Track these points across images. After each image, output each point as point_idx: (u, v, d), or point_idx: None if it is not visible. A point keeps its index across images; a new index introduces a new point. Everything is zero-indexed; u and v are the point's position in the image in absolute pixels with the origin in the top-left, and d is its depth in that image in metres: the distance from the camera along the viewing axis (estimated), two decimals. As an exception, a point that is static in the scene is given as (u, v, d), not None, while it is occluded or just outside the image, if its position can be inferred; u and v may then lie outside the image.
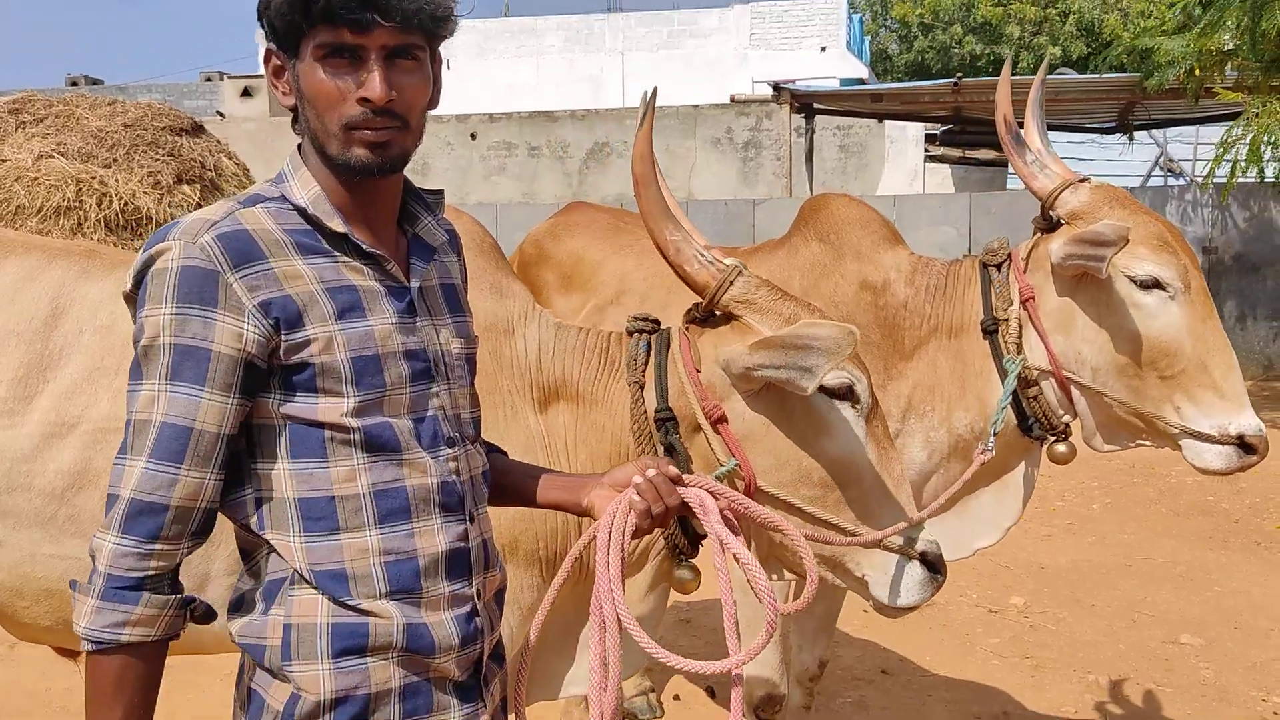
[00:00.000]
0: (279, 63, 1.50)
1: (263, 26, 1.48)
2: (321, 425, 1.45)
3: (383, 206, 1.55)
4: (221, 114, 19.79)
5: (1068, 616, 5.17)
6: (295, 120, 1.52)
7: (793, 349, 1.89)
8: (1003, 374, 2.88)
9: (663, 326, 2.17)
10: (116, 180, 9.88)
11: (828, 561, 2.14)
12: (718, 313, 2.09)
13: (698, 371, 2.02)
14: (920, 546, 2.07)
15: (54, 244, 2.33)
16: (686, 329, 2.11)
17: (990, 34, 27.33)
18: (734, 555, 1.64)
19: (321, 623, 1.45)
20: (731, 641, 1.64)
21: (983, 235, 11.72)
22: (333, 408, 1.44)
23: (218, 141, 11.04)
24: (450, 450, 1.55)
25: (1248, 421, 2.73)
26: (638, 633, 1.59)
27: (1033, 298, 2.86)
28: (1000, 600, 5.38)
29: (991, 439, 2.81)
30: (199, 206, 10.40)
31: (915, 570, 2.08)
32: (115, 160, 10.10)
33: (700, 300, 2.08)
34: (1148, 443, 2.91)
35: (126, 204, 9.68)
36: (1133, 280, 2.78)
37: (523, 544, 2.18)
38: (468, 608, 1.55)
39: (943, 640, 4.90)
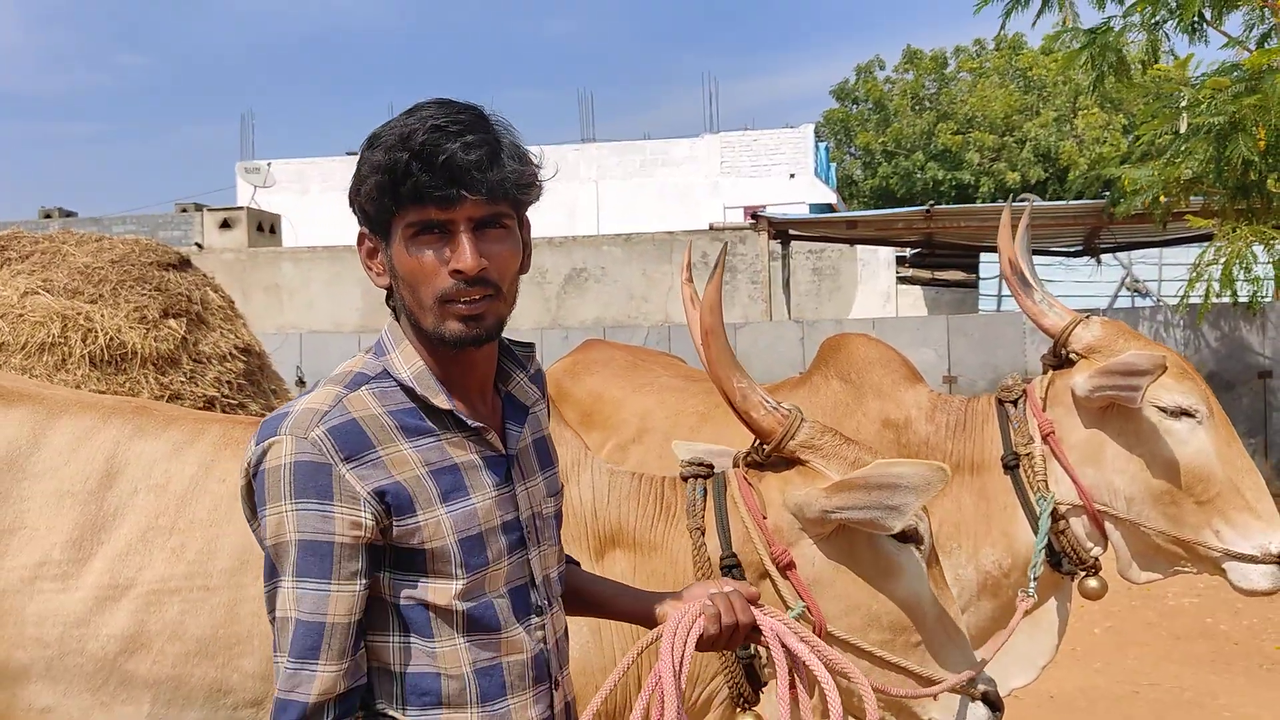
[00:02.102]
0: (372, 245, 1.52)
1: (354, 212, 1.50)
2: (429, 609, 1.45)
3: (481, 373, 1.57)
4: (200, 245, 19.94)
5: (1083, 748, 5.10)
6: (389, 297, 1.54)
7: (877, 489, 1.91)
8: (1029, 509, 2.91)
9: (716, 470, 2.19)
10: (102, 316, 9.83)
11: (892, 706, 2.14)
12: (772, 457, 2.12)
13: (764, 517, 2.03)
14: (981, 687, 2.10)
15: (107, 402, 2.33)
16: (746, 473, 2.13)
17: (951, 160, 28.19)
18: (815, 674, 1.63)
19: None
20: None
21: (960, 357, 11.90)
22: (443, 590, 1.45)
23: (204, 275, 11.08)
24: (538, 619, 1.56)
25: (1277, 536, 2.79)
26: None
27: (1053, 432, 2.91)
28: (1013, 732, 5.31)
29: (1033, 584, 2.81)
30: (184, 341, 10.44)
31: (979, 711, 2.11)
32: (101, 296, 10.07)
33: (764, 444, 2.09)
34: (1188, 569, 2.92)
35: (112, 339, 9.62)
36: (1162, 409, 2.84)
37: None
38: None
39: (960, 776, 4.80)
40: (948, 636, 2.09)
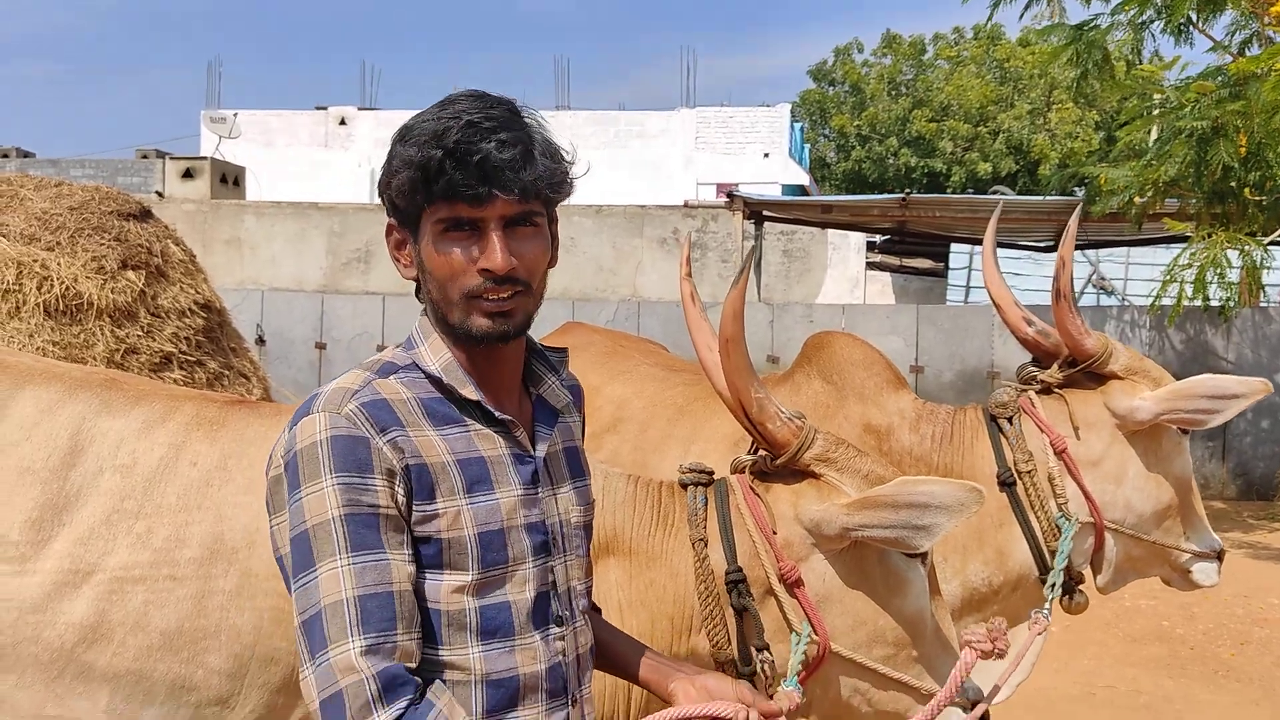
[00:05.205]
0: (400, 237, 1.51)
1: (383, 202, 1.48)
2: (440, 609, 1.40)
3: (507, 371, 1.54)
4: (160, 194, 19.53)
5: (1041, 750, 5.11)
6: (418, 290, 1.52)
7: (905, 508, 1.85)
8: (1026, 527, 2.85)
9: (717, 477, 2.10)
10: (59, 264, 9.59)
11: (890, 719, 2.09)
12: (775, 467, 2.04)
13: (774, 532, 1.95)
14: (971, 695, 2.08)
15: (75, 373, 2.20)
16: (752, 483, 2.04)
17: (924, 148, 28.23)
18: None
19: None
20: None
21: (928, 347, 11.93)
22: (456, 584, 1.40)
23: (165, 227, 10.83)
24: (559, 629, 1.51)
25: (1216, 536, 3.03)
26: None
27: (1066, 449, 2.85)
28: (972, 731, 5.30)
29: (1048, 605, 2.77)
30: (143, 293, 10.24)
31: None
32: (59, 243, 9.82)
33: (775, 455, 2.01)
34: (1148, 575, 3.06)
35: (68, 289, 9.38)
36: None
37: None
38: None
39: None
40: (942, 648, 2.07)
